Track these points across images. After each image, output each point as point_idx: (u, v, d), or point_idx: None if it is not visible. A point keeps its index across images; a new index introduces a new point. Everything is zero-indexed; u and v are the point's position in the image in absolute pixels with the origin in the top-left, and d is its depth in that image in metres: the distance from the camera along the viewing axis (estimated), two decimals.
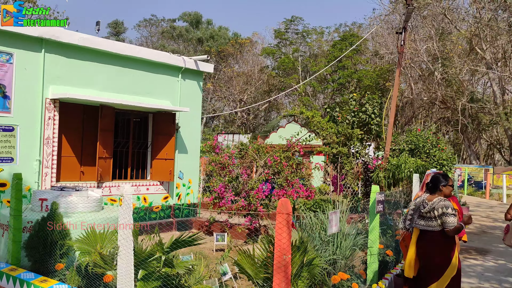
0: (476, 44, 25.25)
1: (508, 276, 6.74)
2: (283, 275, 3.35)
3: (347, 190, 11.25)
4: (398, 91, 30.43)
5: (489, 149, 38.46)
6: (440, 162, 12.94)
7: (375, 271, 5.44)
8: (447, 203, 4.21)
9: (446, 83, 27.33)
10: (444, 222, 4.17)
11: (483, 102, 26.58)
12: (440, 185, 4.33)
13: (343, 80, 29.71)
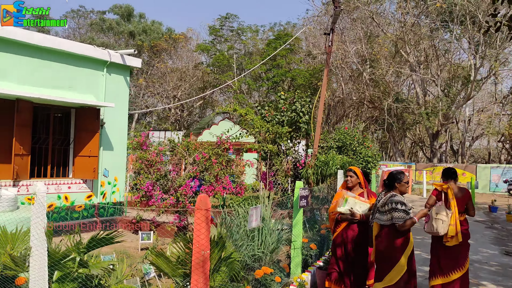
0: (401, 47, 26.79)
1: (423, 265, 7.23)
2: (202, 271, 3.38)
3: (278, 186, 11.52)
4: (331, 90, 31.63)
5: (413, 147, 41.05)
6: (365, 159, 13.62)
7: (298, 265, 5.64)
8: (397, 199, 4.42)
9: (374, 84, 28.75)
10: (393, 217, 4.39)
11: (407, 102, 28.29)
12: (395, 182, 4.57)
13: (277, 79, 30.26)
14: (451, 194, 5.26)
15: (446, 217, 5.13)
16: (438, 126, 28.15)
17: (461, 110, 30.40)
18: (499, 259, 8.01)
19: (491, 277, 6.70)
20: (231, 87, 32.59)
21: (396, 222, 4.36)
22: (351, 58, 27.15)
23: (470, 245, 8.71)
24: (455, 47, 27.88)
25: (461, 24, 25.08)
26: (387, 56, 27.14)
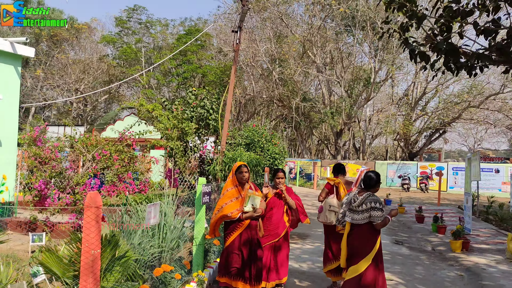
0: (309, 48, 27.99)
1: (321, 256, 7.63)
2: (91, 271, 3.26)
3: (185, 184, 11.42)
4: (242, 88, 32.08)
5: (319, 145, 43.15)
6: (273, 156, 14.04)
7: (200, 261, 5.66)
8: (375, 198, 4.59)
9: (283, 83, 29.70)
10: (372, 215, 4.53)
11: (314, 102, 29.65)
12: (375, 184, 4.69)
13: (188, 74, 29.97)
14: (342, 187, 5.79)
15: (337, 208, 5.66)
16: (341, 125, 29.87)
17: (362, 110, 32.57)
18: (390, 248, 8.74)
19: None
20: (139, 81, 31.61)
21: (375, 220, 4.52)
22: (261, 57, 27.75)
23: None
24: (357, 50, 29.78)
25: (363, 29, 26.85)
26: (295, 56, 28.18)
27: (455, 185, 25.35)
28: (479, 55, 6.55)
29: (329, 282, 6.03)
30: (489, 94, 28.20)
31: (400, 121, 32.03)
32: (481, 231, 11.07)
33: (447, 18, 6.39)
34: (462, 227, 8.87)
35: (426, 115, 32.08)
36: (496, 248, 8.96)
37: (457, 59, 6.69)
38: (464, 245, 8.57)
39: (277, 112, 35.63)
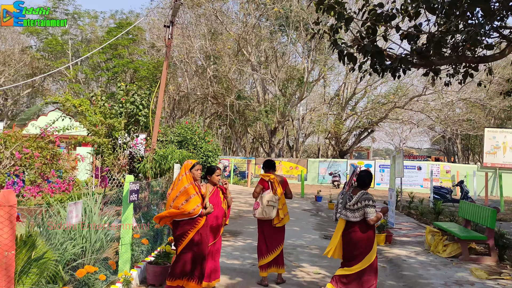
0: (243, 46, 28.16)
1: (252, 253, 7.74)
2: (5, 274, 3.06)
3: (114, 182, 11.05)
4: (176, 84, 31.58)
5: (254, 143, 43.60)
6: (206, 154, 13.98)
7: (127, 261, 5.51)
8: (369, 196, 4.98)
9: (217, 80, 29.66)
10: (366, 212, 4.91)
11: (248, 100, 29.88)
12: (368, 183, 5.15)
13: (119, 69, 29.00)
14: (276, 182, 5.97)
15: (275, 203, 5.89)
16: (276, 123, 30.40)
17: (296, 109, 33.37)
18: (319, 242, 9.05)
19: (309, 258, 7.54)
20: (65, 75, 30.08)
21: (368, 216, 4.90)
22: (195, 53, 27.50)
23: (296, 232, 9.67)
24: (291, 50, 30.45)
25: (296, 30, 27.48)
26: (230, 54, 28.23)
27: (381, 182, 26.73)
28: (402, 58, 6.96)
29: (259, 278, 6.16)
30: (413, 95, 30.01)
31: (332, 120, 33.20)
32: (403, 224, 11.78)
33: (372, 21, 6.73)
34: (385, 221, 9.38)
35: (355, 114, 33.50)
36: (416, 240, 9.58)
37: (383, 61, 7.05)
38: (387, 238, 9.07)
39: (211, 109, 35.51)
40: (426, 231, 9.05)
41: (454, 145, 42.49)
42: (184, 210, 4.97)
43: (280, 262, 6.01)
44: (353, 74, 29.29)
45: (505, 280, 6.63)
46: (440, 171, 26.26)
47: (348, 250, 5.07)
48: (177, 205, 5.00)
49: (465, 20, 7.64)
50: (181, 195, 5.04)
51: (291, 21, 26.43)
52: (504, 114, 36.05)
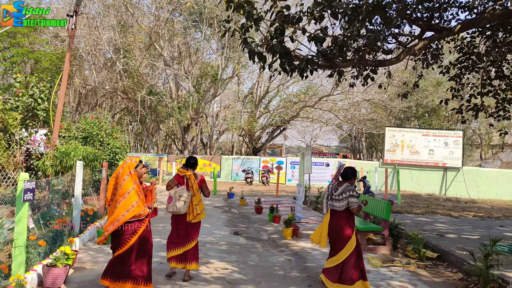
0: (155, 40, 27.53)
1: (160, 251, 7.64)
2: None
3: (9, 181, 10.27)
4: (82, 78, 29.95)
5: (166, 139, 42.85)
6: (113, 150, 13.50)
7: (21, 264, 5.19)
8: (352, 188, 5.79)
9: (128, 75, 28.70)
10: (350, 202, 5.73)
11: (161, 95, 29.27)
12: (352, 176, 5.89)
13: (17, 59, 26.84)
14: (193, 179, 6.04)
15: (187, 199, 6.01)
16: (189, 120, 30.17)
17: (210, 106, 33.38)
18: (229, 239, 9.20)
19: (218, 255, 7.65)
20: None
21: (352, 205, 5.72)
22: (104, 45, 26.33)
23: (207, 229, 9.75)
24: (205, 46, 30.36)
25: (210, 26, 27.47)
26: (141, 47, 27.44)
27: (292, 178, 27.74)
28: (308, 59, 7.31)
29: (168, 269, 6.20)
30: (322, 95, 31.52)
31: (245, 118, 33.73)
32: (310, 218, 12.37)
33: (280, 23, 6.99)
34: (293, 215, 9.79)
35: (268, 112, 34.37)
36: None
37: (291, 61, 7.35)
38: (294, 232, 9.49)
39: (121, 104, 34.27)
40: None
41: (360, 143, 45.31)
42: (134, 213, 4.92)
43: (190, 258, 6.04)
44: (266, 73, 30.00)
45: (397, 267, 7.28)
46: None
47: (333, 237, 5.85)
48: (127, 208, 4.90)
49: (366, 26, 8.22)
50: (131, 196, 4.95)
51: (205, 17, 26.37)
52: (403, 115, 39.18)
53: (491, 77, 10.79)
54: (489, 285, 6.04)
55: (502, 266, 6.53)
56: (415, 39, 9.23)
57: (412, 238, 8.04)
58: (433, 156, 26.33)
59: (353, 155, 47.14)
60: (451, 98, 11.12)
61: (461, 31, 8.67)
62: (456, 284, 6.40)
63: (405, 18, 9.17)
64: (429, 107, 35.35)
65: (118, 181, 5.05)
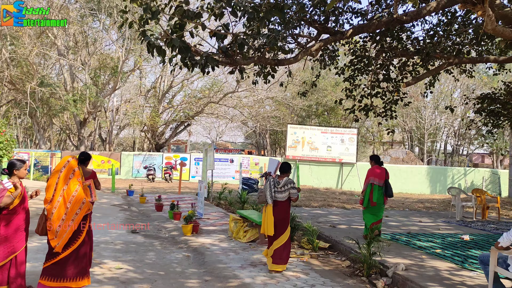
0: (48, 28, 25.71)
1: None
2: None
3: None
4: None
5: (60, 134, 40.28)
6: None
7: None
8: (292, 181, 6.82)
9: (16, 64, 26.48)
10: (291, 193, 6.72)
11: (54, 87, 27.41)
12: (289, 170, 6.90)
13: None
14: (79, 174, 5.79)
15: None
16: (86, 114, 28.67)
17: (109, 99, 32.02)
18: (125, 237, 8.99)
19: (113, 254, 7.45)
20: None
21: (293, 196, 6.74)
22: None
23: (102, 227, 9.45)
24: (104, 37, 29.04)
25: (110, 16, 26.33)
26: (31, 34, 25.45)
27: (196, 175, 27.70)
28: (208, 55, 7.40)
29: None
30: (227, 92, 31.85)
31: (148, 113, 32.91)
32: (212, 214, 12.52)
33: (179, 17, 6.99)
34: (193, 212, 9.84)
35: (172, 108, 33.89)
36: (221, 228, 10.32)
37: (192, 57, 7.38)
38: (194, 228, 9.55)
39: (8, 96, 31.50)
40: (230, 219, 9.84)
41: (264, 140, 46.59)
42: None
43: None
44: (169, 67, 29.54)
45: (291, 258, 7.69)
46: (250, 164, 28.53)
47: (277, 224, 6.68)
48: (76, 208, 5.19)
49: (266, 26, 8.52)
50: (81, 193, 5.27)
51: (103, 6, 25.22)
52: (304, 113, 41.05)
53: (380, 79, 11.79)
54: (372, 270, 6.65)
55: (383, 253, 7.21)
56: (312, 40, 9.79)
57: (307, 230, 8.54)
58: (331, 152, 27.98)
59: (257, 151, 48.34)
60: (346, 98, 11.96)
61: (353, 35, 9.37)
62: (344, 271, 6.95)
63: (302, 20, 9.68)
64: (328, 106, 37.45)
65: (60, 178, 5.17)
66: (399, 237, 9.31)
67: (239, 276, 6.37)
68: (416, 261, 7.16)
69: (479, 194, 13.63)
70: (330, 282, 6.27)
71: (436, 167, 32.03)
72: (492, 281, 4.88)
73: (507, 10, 7.74)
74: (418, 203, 18.88)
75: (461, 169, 29.74)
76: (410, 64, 11.56)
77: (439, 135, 44.33)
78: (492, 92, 13.30)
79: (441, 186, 28.03)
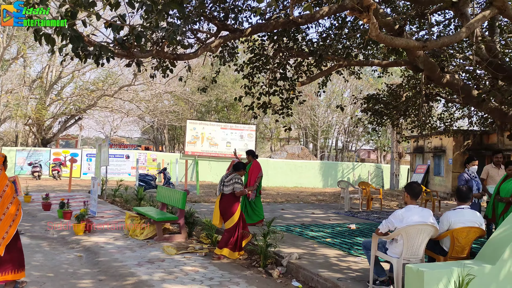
0: None
1: None
2: None
3: None
4: None
5: None
6: None
7: None
8: (238, 176, 7.67)
9: None
10: (235, 187, 7.55)
11: None
12: (241, 169, 7.85)
13: None
14: None
15: None
16: None
17: None
18: None
19: None
20: None
21: (236, 190, 7.55)
22: None
23: None
24: None
25: None
26: None
27: (88, 171, 26.40)
28: (102, 46, 7.13)
29: None
30: (123, 85, 30.71)
31: (33, 105, 30.51)
32: (106, 212, 12.08)
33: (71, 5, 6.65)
34: (86, 210, 9.43)
35: (61, 100, 31.79)
36: (117, 226, 10.02)
37: (84, 47, 7.06)
38: (87, 227, 9.16)
39: None
40: (126, 216, 9.61)
41: (162, 135, 45.78)
42: None
43: None
44: (59, 56, 27.70)
45: (190, 253, 7.77)
46: (147, 160, 27.91)
47: (222, 214, 7.64)
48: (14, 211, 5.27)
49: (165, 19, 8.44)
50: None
51: None
52: (204, 108, 41.12)
53: (277, 78, 12.29)
54: (268, 260, 6.98)
55: (279, 244, 7.60)
56: (212, 36, 9.90)
57: (206, 225, 8.67)
58: (230, 148, 28.43)
59: (155, 147, 47.34)
60: (245, 95, 12.27)
61: (251, 34, 9.66)
62: (241, 263, 7.20)
63: (202, 16, 9.75)
64: (228, 102, 37.95)
65: None
66: (293, 229, 9.86)
67: (136, 274, 6.29)
68: (309, 250, 7.67)
69: (365, 187, 14.90)
70: (228, 274, 6.46)
71: (328, 162, 34.19)
72: (373, 264, 5.42)
73: (389, 19, 8.58)
74: (311, 196, 20.04)
75: (350, 164, 32.13)
76: (305, 64, 12.20)
77: (331, 132, 47.30)
78: (376, 93, 14.59)
79: (332, 180, 30.00)
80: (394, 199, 19.70)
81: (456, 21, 12.29)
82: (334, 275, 5.96)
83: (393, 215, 5.20)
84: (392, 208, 15.63)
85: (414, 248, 5.07)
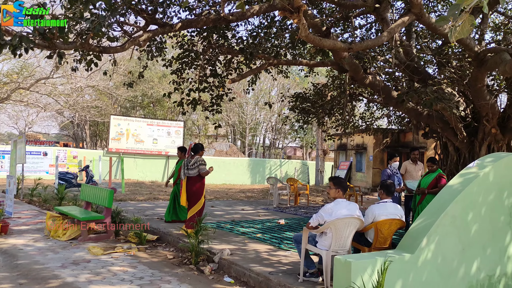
0: None
1: None
2: None
3: None
4: None
5: None
6: None
7: None
8: (201, 159, 8.51)
9: None
10: (200, 169, 8.44)
11: None
12: (200, 150, 8.71)
13: None
14: None
15: None
16: None
17: None
18: None
19: None
20: None
21: (202, 171, 8.39)
22: None
23: None
24: None
25: None
26: None
27: (2, 169, 24.62)
28: (22, 36, 6.73)
29: None
30: (40, 77, 28.95)
31: None
32: (23, 213, 11.39)
33: None
34: (2, 210, 8.86)
35: None
36: (36, 227, 9.50)
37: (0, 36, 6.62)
38: (2, 228, 8.60)
39: None
40: (46, 217, 9.14)
41: (83, 131, 43.80)
42: None
43: None
44: None
45: (118, 252, 7.58)
46: (67, 157, 26.56)
47: (189, 196, 8.44)
48: None
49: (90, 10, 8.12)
50: None
51: None
52: (129, 104, 39.91)
53: (207, 74, 12.28)
54: (200, 257, 7.00)
55: (210, 240, 7.64)
56: (140, 30, 9.68)
57: (134, 223, 8.49)
58: (157, 145, 27.89)
59: (75, 144, 45.16)
60: (173, 91, 12.12)
61: (181, 29, 9.59)
62: (172, 262, 7.15)
63: (130, 8, 9.50)
64: (154, 98, 37.15)
65: None
66: (224, 225, 9.94)
67: (60, 276, 6.03)
68: (240, 245, 7.78)
69: (292, 183, 15.35)
70: (159, 273, 6.40)
71: (256, 159, 34.70)
72: (304, 257, 5.65)
73: (317, 21, 8.92)
74: (240, 193, 20.24)
75: (277, 161, 32.84)
76: (235, 62, 12.30)
77: (258, 130, 47.99)
78: (303, 92, 15.06)
79: (260, 177, 30.50)
80: (319, 194, 20.46)
81: (377, 25, 13.04)
82: (265, 269, 6.13)
83: (322, 209, 5.45)
84: (318, 204, 16.26)
85: (342, 240, 5.36)
